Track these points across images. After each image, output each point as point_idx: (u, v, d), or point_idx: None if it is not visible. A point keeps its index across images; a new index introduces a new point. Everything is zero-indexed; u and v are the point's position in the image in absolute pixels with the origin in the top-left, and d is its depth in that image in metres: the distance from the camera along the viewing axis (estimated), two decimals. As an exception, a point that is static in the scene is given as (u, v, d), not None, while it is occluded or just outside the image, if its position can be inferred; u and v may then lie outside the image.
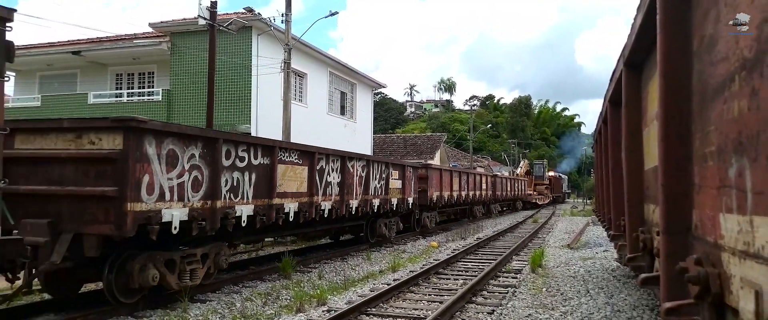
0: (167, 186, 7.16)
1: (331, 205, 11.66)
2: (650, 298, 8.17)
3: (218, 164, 8.05)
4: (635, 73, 4.63)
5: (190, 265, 7.95)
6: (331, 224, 13.10)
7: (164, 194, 7.11)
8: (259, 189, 9.11)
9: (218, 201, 8.06)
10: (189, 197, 7.56)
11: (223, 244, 8.80)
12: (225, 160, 8.25)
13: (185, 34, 21.48)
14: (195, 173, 7.66)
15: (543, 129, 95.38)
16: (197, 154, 7.70)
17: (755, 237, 1.98)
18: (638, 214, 4.82)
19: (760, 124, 1.90)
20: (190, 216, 7.53)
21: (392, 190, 15.49)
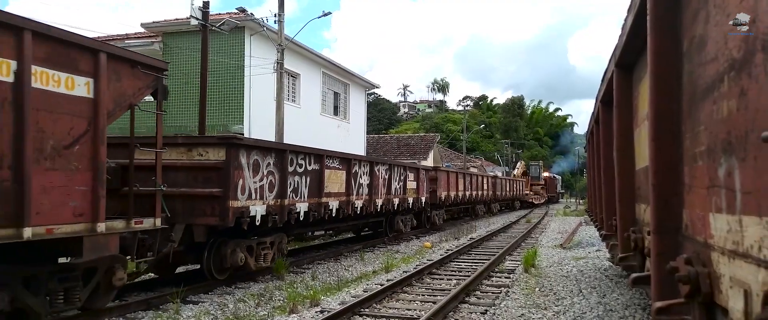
0: (253, 188, 9.20)
1: (362, 203, 13.71)
2: (642, 298, 8.21)
3: (285, 170, 10.08)
4: (626, 74, 4.66)
5: (263, 250, 10.04)
6: (361, 219, 15.10)
7: (251, 194, 9.13)
8: (312, 190, 11.20)
9: (285, 200, 10.10)
10: (266, 197, 9.60)
11: (284, 234, 10.96)
12: (290, 166, 10.27)
13: (177, 35, 21.39)
14: (270, 178, 9.71)
15: (536, 129, 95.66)
16: (272, 163, 9.75)
17: (744, 236, 1.99)
18: (630, 214, 4.84)
19: (749, 124, 1.91)
20: (267, 212, 9.54)
21: (409, 190, 17.62)
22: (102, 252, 6.23)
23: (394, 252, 14.71)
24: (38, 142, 5.39)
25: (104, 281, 6.66)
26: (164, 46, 21.68)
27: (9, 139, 5.11)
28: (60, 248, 6.00)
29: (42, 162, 5.45)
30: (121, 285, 7.03)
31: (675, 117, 2.86)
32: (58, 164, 5.64)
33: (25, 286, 5.83)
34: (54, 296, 6.10)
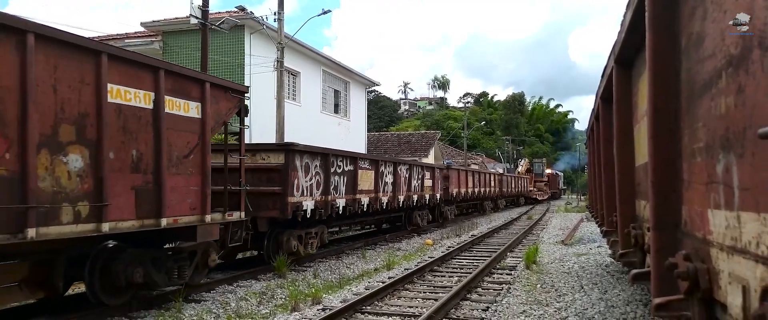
0: (305, 186, 11.09)
1: (387, 199, 15.57)
2: (643, 293, 8.22)
3: (328, 171, 12.00)
4: (626, 70, 4.65)
5: (309, 239, 11.88)
6: (385, 214, 17.05)
7: (304, 191, 11.05)
8: (348, 188, 13.08)
9: (328, 196, 11.99)
10: (315, 193, 11.51)
11: (325, 226, 12.70)
12: (331, 168, 12.11)
13: (177, 33, 21.40)
14: (317, 177, 11.61)
15: (537, 126, 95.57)
16: (318, 165, 11.67)
17: (742, 232, 2.00)
18: (630, 210, 4.84)
19: (746, 120, 1.92)
20: (315, 206, 11.41)
21: (426, 188, 19.53)
22: (208, 238, 8.02)
23: (396, 250, 14.72)
24: (168, 153, 7.09)
25: (201, 261, 8.41)
26: (164, 45, 21.68)
27: (151, 151, 6.87)
28: (178, 235, 7.84)
29: (170, 168, 7.15)
30: (214, 265, 8.75)
31: (673, 113, 2.87)
32: (180, 170, 7.39)
33: (153, 264, 7.45)
34: (170, 272, 7.79)
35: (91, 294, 6.99)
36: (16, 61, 5.32)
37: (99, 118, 6.16)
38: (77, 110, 5.95)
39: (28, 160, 5.35)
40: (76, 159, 5.93)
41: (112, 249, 7.18)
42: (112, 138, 6.33)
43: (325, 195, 11.90)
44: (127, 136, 6.56)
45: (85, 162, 6.03)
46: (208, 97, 7.85)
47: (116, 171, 6.38)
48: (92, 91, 6.12)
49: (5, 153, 5.20)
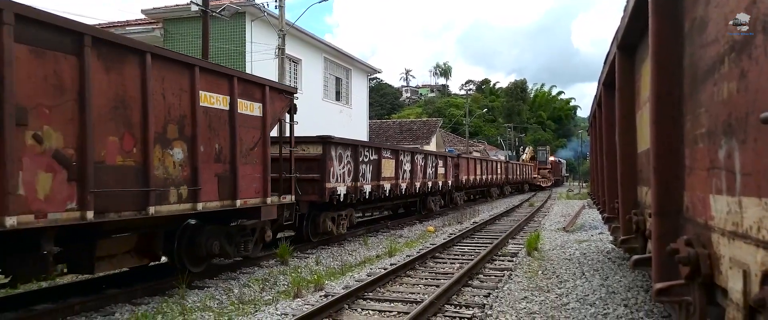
0: (339, 174, 12.67)
1: (405, 186, 17.22)
2: (645, 280, 8.25)
3: (358, 160, 13.66)
4: (628, 56, 4.64)
5: (341, 221, 13.48)
6: (403, 199, 18.51)
7: (337, 178, 12.61)
8: (373, 175, 14.79)
9: (358, 183, 13.64)
10: (347, 180, 13.15)
11: (352, 209, 14.35)
12: (359, 157, 13.75)
13: (178, 21, 21.31)
14: (348, 166, 13.24)
15: (539, 113, 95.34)
16: (349, 155, 13.31)
17: (744, 217, 2.01)
18: (631, 197, 4.85)
19: (749, 105, 1.91)
20: (347, 191, 13.04)
21: (439, 175, 21.33)
22: (269, 217, 9.55)
23: (398, 237, 14.77)
24: (240, 146, 8.52)
25: (259, 237, 9.92)
26: (165, 32, 21.62)
27: (228, 145, 8.32)
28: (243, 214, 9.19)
29: (241, 159, 8.58)
30: (269, 240, 10.30)
31: (676, 99, 2.86)
32: (248, 160, 8.82)
33: (225, 238, 9.00)
34: (238, 245, 9.38)
35: (178, 262, 8.47)
36: (138, 76, 6.70)
37: (193, 118, 7.60)
38: (179, 113, 7.40)
39: (148, 153, 6.78)
40: (179, 152, 7.42)
41: (194, 227, 8.67)
42: (202, 135, 7.76)
43: (355, 181, 13.60)
44: (211, 132, 8.02)
45: (185, 155, 7.50)
46: (267, 98, 9.32)
47: (205, 162, 7.83)
48: (188, 97, 7.57)
49: (133, 148, 6.63)
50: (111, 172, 6.32)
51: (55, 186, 5.65)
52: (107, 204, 6.25)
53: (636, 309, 6.69)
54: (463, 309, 6.95)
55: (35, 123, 5.45)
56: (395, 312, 6.74)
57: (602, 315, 6.53)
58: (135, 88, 6.64)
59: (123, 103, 6.52)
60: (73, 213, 5.84)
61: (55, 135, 5.67)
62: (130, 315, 6.81)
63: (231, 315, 6.80)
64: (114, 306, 7.16)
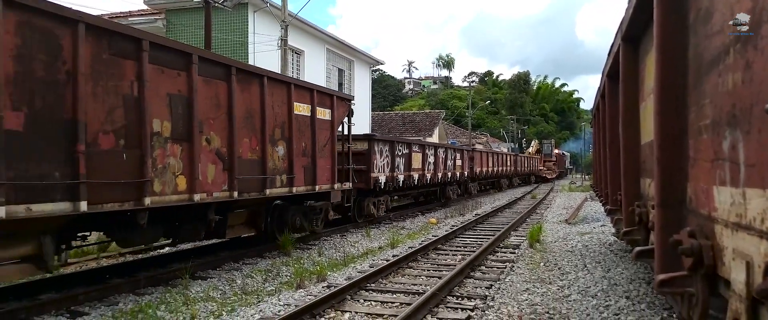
0: (380, 166, 15.26)
1: (430, 176, 20.00)
2: (646, 272, 8.25)
3: (394, 154, 16.30)
4: (633, 47, 4.62)
5: (380, 205, 15.92)
6: (428, 187, 21.28)
7: (379, 169, 15.17)
8: (405, 167, 17.37)
9: (394, 173, 16.24)
10: (385, 171, 15.70)
11: (388, 196, 16.73)
12: (395, 151, 16.40)
13: (181, 11, 21.27)
14: (387, 159, 15.83)
15: (542, 105, 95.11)
16: (387, 149, 15.92)
17: (747, 209, 2.01)
18: (634, 188, 4.85)
19: (754, 96, 1.91)
20: (386, 180, 15.62)
21: (457, 167, 23.98)
22: (336, 200, 12.16)
23: (400, 229, 14.80)
24: (317, 144, 10.89)
25: (324, 216, 12.25)
26: (167, 23, 21.58)
27: (310, 143, 10.71)
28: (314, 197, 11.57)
29: (318, 154, 10.95)
30: (331, 219, 12.88)
31: (680, 90, 2.85)
32: (322, 155, 11.18)
33: (303, 215, 11.37)
34: (311, 221, 11.72)
35: (270, 233, 10.74)
36: (259, 94, 9.16)
37: (290, 123, 10.02)
38: (281, 119, 9.82)
39: (265, 150, 9.25)
40: (281, 149, 9.86)
41: (281, 206, 10.95)
42: (295, 136, 10.13)
43: (392, 172, 16.16)
44: (300, 134, 10.40)
45: (284, 151, 9.93)
46: (334, 105, 11.70)
47: (297, 156, 10.21)
48: (286, 107, 9.97)
49: (257, 146, 9.12)
50: (245, 164, 8.78)
51: (216, 174, 8.13)
52: (244, 187, 8.75)
53: (638, 301, 6.70)
54: (465, 300, 6.96)
55: (206, 131, 7.90)
56: (397, 303, 6.76)
57: (604, 307, 6.54)
58: (257, 103, 9.13)
59: (250, 114, 8.95)
60: (226, 193, 8.32)
61: (216, 138, 8.14)
62: (133, 304, 6.84)
63: (234, 305, 6.83)
64: (118, 296, 7.20)
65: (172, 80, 7.29)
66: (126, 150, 6.55)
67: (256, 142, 9.06)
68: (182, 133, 7.44)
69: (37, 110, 5.52)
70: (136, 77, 6.68)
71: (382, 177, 15.37)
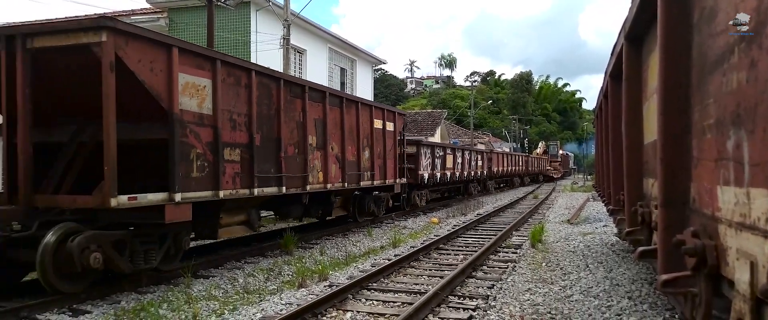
0: (424, 165, 19.21)
1: (458, 174, 24.68)
2: (649, 272, 8.24)
3: (434, 156, 20.73)
4: (636, 47, 4.61)
5: (423, 197, 19.96)
6: (456, 184, 25.60)
7: (423, 168, 19.19)
8: (441, 166, 21.95)
9: (433, 171, 20.55)
10: (428, 169, 19.74)
11: (428, 190, 20.76)
12: (435, 153, 21.06)
13: (183, 10, 21.29)
14: (429, 159, 20.01)
15: (544, 105, 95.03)
16: (429, 152, 20.18)
17: (752, 209, 2.00)
18: (637, 188, 4.83)
19: (758, 96, 1.90)
20: (428, 177, 19.74)
21: (478, 167, 28.90)
22: (397, 191, 15.97)
23: (402, 228, 14.79)
24: (386, 148, 14.73)
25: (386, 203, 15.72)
26: (170, 21, 21.60)
27: (382, 149, 14.42)
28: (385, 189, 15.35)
29: (387, 156, 14.66)
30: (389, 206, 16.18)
31: (684, 89, 2.84)
32: (389, 157, 14.84)
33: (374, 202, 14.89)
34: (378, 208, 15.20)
35: (352, 216, 14.43)
36: (355, 114, 12.98)
37: (371, 134, 13.89)
38: (367, 132, 13.62)
39: (360, 154, 13.12)
40: (367, 153, 13.62)
41: (360, 195, 14.47)
42: (374, 143, 14.01)
43: (433, 170, 20.66)
44: (376, 142, 14.20)
45: (369, 154, 13.70)
46: (396, 119, 15.82)
47: (375, 158, 14.04)
48: (369, 123, 13.83)
49: (354, 151, 12.78)
50: (349, 164, 12.64)
51: (336, 171, 11.99)
52: (349, 180, 12.58)
53: (640, 302, 6.68)
54: (466, 300, 6.95)
55: (330, 142, 11.63)
56: (399, 302, 6.75)
57: (606, 307, 6.53)
58: (354, 121, 13.00)
59: (351, 129, 12.80)
60: (341, 184, 12.26)
61: (336, 147, 12.03)
62: (136, 303, 6.85)
63: (236, 304, 6.83)
64: (120, 295, 7.20)
65: (316, 109, 11.18)
66: (298, 155, 10.46)
67: (354, 149, 12.95)
68: (320, 144, 11.31)
69: (264, 133, 9.29)
70: (301, 109, 10.59)
71: (426, 174, 19.71)
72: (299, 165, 10.38)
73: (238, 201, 8.84)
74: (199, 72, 7.73)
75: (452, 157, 23.44)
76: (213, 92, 7.96)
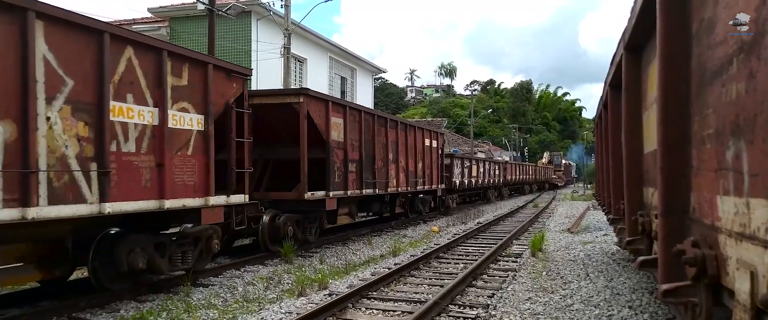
0: (456, 173, 24.18)
1: (481, 181, 29.20)
2: (649, 281, 8.22)
3: (464, 166, 25.74)
4: (635, 57, 4.63)
5: (454, 200, 23.84)
6: (479, 189, 30.20)
7: (456, 175, 24.11)
8: (468, 174, 26.40)
9: (463, 178, 25.35)
10: (459, 177, 24.69)
11: (456, 195, 24.44)
12: (465, 163, 26.13)
13: (184, 19, 21.39)
14: (460, 169, 24.82)
15: (544, 113, 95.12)
16: (460, 163, 25.11)
17: (751, 218, 2.00)
18: (637, 198, 4.84)
19: (757, 106, 1.91)
20: (459, 183, 24.53)
21: (495, 175, 33.52)
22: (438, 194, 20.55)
23: (402, 237, 14.77)
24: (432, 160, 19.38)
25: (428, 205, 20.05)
26: (171, 30, 21.68)
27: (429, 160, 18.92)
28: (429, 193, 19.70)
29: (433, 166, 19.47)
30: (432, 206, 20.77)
31: (683, 100, 2.86)
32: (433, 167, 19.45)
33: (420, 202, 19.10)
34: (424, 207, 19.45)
35: (406, 214, 18.24)
36: (414, 135, 17.17)
37: (423, 150, 17.92)
38: (420, 148, 17.72)
39: (415, 165, 17.24)
40: (420, 164, 17.65)
41: (411, 197, 18.04)
42: (424, 157, 18.01)
43: (462, 178, 25.12)
44: (426, 156, 18.27)
45: (421, 166, 17.84)
46: (439, 138, 20.14)
47: (425, 168, 18.16)
48: (421, 141, 17.80)
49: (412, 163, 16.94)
50: (409, 174, 16.48)
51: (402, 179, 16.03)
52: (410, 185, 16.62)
53: (640, 311, 6.67)
54: (467, 309, 6.94)
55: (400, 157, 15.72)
56: (399, 311, 6.73)
57: (606, 317, 6.51)
58: (413, 140, 16.86)
59: (411, 146, 16.67)
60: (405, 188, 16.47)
61: (402, 160, 15.91)
62: (135, 312, 6.83)
63: (235, 313, 6.81)
64: (119, 303, 7.18)
65: (392, 134, 15.20)
66: (383, 167, 14.44)
67: (412, 161, 16.85)
68: (394, 158, 15.30)
69: (366, 152, 13.34)
70: (384, 135, 14.62)
71: (457, 181, 24.12)
72: (384, 174, 14.53)
73: (348, 198, 12.87)
74: (338, 115, 12.10)
75: (476, 167, 28.17)
76: (344, 127, 12.27)
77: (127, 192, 6.51)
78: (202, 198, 7.74)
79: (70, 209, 5.78)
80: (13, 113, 5.23)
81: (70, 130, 5.82)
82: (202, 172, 7.76)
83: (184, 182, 7.42)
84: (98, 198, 6.10)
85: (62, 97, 5.72)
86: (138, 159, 6.70)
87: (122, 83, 6.49)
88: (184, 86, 7.48)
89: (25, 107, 5.29)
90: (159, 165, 6.98)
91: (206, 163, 7.83)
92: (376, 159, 13.85)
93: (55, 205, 5.60)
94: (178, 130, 7.36)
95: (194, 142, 7.65)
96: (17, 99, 5.26)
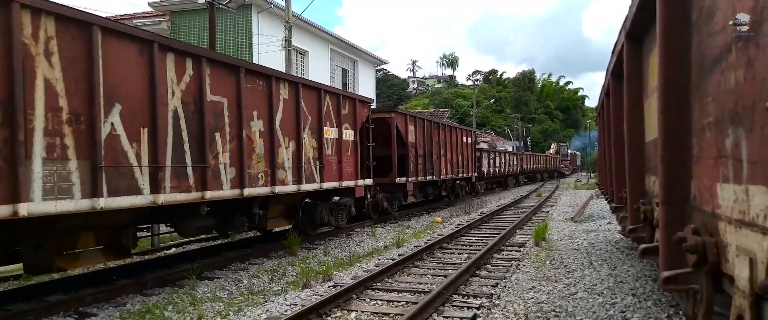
0: (484, 163, 29.43)
1: (502, 170, 33.77)
2: (653, 269, 8.24)
3: (490, 157, 31.05)
4: (636, 45, 4.62)
5: (482, 186, 29.31)
6: (501, 177, 34.49)
7: (485, 165, 29.60)
8: (493, 164, 31.73)
9: (489, 168, 30.60)
10: (485, 166, 29.78)
11: (484, 181, 29.96)
12: (490, 155, 31.48)
13: (185, 13, 21.35)
14: (487, 159, 30.23)
15: (547, 103, 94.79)
16: (487, 155, 30.62)
17: (750, 206, 2.02)
18: (639, 186, 4.85)
19: (756, 94, 1.92)
20: (486, 171, 29.83)
21: (514, 164, 37.82)
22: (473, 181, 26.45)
23: (405, 228, 14.81)
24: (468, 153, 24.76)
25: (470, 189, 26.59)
26: (172, 24, 21.65)
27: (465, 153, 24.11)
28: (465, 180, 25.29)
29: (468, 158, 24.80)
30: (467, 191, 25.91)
31: (684, 88, 2.86)
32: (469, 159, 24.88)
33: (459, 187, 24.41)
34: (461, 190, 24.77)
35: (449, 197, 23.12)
36: (455, 134, 22.33)
37: (459, 145, 22.71)
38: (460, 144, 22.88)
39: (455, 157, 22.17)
40: (460, 157, 22.81)
41: (452, 184, 22.82)
42: (462, 151, 23.16)
43: (489, 167, 29.69)
44: (462, 149, 23.16)
45: (461, 157, 22.98)
46: (472, 135, 25.49)
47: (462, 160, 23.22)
48: (457, 138, 22.55)
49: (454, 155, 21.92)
50: (453, 164, 21.71)
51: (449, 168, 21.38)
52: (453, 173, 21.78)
53: (644, 299, 6.69)
54: (471, 298, 6.98)
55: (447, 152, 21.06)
56: (403, 301, 6.78)
57: (610, 305, 6.54)
58: (454, 138, 21.88)
59: (453, 143, 21.76)
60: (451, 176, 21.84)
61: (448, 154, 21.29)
62: (141, 305, 6.89)
63: (240, 305, 6.86)
64: (125, 297, 7.25)
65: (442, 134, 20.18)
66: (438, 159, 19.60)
67: (454, 155, 21.57)
68: (444, 153, 20.23)
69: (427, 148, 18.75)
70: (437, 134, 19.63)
71: (486, 170, 29.02)
72: (438, 165, 19.53)
73: (418, 182, 17.77)
74: (411, 123, 17.14)
75: (499, 158, 33.02)
76: (415, 132, 17.22)
77: (329, 177, 11.52)
78: (354, 181, 12.75)
79: (310, 186, 10.74)
80: (294, 136, 10.23)
81: (310, 144, 10.78)
82: (355, 165, 12.80)
83: (348, 171, 12.40)
84: (320, 181, 11.16)
85: (307, 127, 10.70)
86: (332, 158, 11.69)
87: (325, 115, 11.42)
88: (346, 113, 12.40)
89: (298, 132, 10.33)
90: (339, 162, 11.97)
91: (356, 160, 12.91)
92: (433, 154, 18.93)
93: (302, 184, 10.43)
94: (345, 141, 12.31)
95: (351, 147, 12.68)
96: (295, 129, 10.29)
